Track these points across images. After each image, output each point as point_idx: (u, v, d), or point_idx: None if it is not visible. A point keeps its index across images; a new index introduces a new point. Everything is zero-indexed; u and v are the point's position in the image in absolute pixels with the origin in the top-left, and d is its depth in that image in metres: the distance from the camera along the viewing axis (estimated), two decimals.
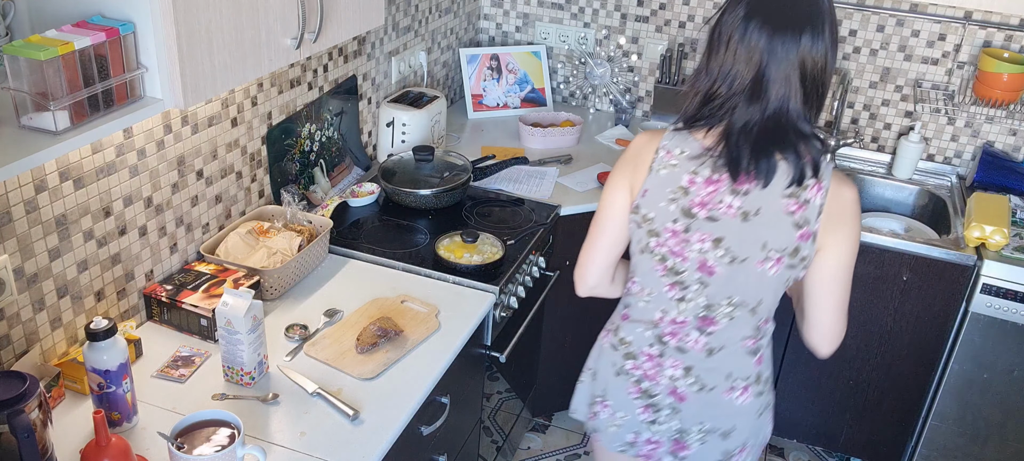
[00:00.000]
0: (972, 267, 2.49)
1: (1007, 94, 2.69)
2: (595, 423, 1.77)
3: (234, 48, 1.53)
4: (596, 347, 1.79)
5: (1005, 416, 2.62)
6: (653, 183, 1.52)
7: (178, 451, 1.36)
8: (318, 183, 2.41)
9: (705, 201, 1.50)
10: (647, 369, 1.66)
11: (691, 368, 1.63)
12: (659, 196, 1.52)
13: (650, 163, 1.53)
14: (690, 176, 1.50)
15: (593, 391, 1.77)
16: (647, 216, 1.54)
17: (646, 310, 1.64)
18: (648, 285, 1.61)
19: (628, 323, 1.67)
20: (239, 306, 1.62)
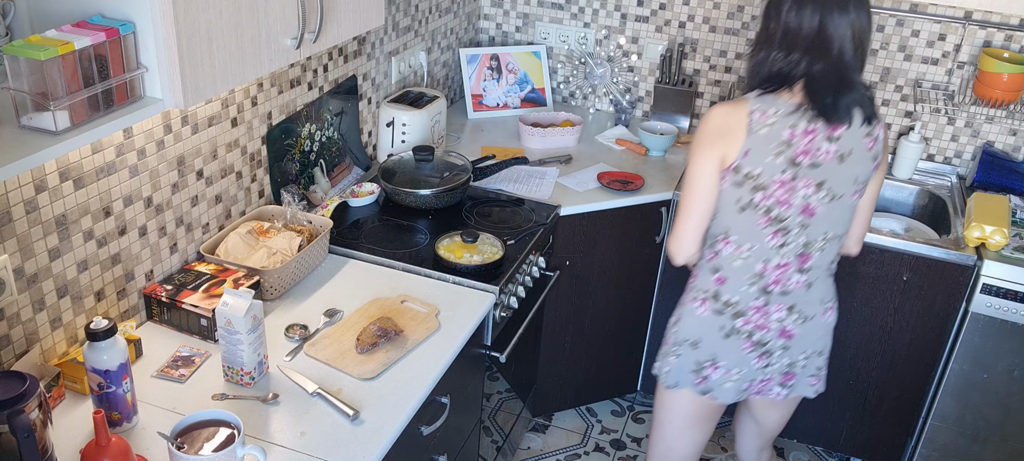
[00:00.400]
0: (972, 267, 2.49)
1: (1007, 94, 2.69)
2: (706, 385, 1.94)
3: (234, 48, 1.53)
4: (688, 319, 1.90)
5: (1005, 416, 2.62)
6: (754, 142, 1.70)
7: (178, 451, 1.36)
8: (318, 183, 2.41)
9: (807, 150, 1.70)
10: (757, 321, 1.84)
11: (794, 306, 1.84)
12: (764, 152, 1.70)
13: (746, 126, 1.70)
14: (789, 130, 1.69)
15: (697, 359, 1.90)
16: (751, 173, 1.71)
17: (746, 266, 1.80)
18: (748, 240, 1.78)
19: (727, 285, 1.83)
20: (239, 306, 1.62)
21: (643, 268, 2.82)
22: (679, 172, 2.84)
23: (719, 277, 1.84)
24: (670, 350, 1.96)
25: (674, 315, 1.97)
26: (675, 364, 1.95)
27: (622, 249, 2.73)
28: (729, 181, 1.74)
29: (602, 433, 3.07)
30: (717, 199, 1.77)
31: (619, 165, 2.84)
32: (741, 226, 1.77)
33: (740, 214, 1.76)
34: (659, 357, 2.01)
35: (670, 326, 1.97)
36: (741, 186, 1.73)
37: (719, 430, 3.14)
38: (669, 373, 1.97)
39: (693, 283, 1.91)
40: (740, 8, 3.03)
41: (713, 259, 1.84)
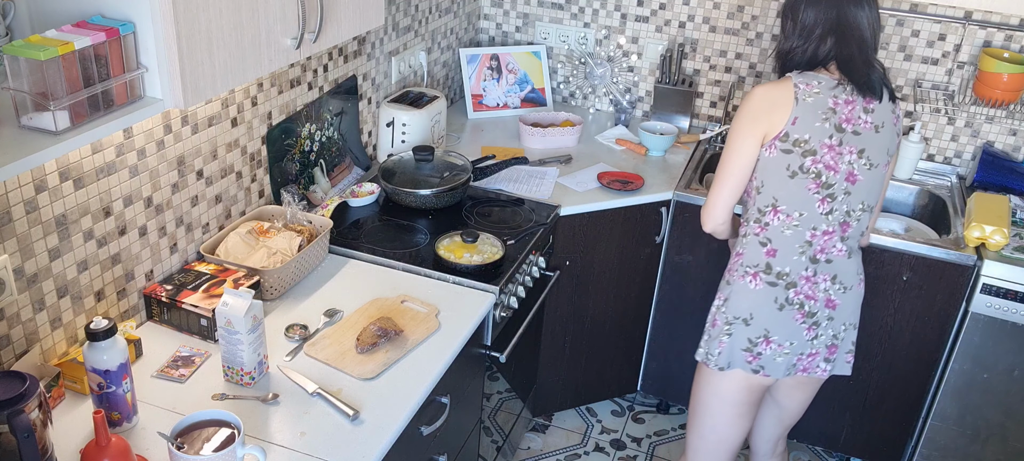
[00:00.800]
0: (972, 267, 2.49)
1: (1007, 94, 2.69)
2: (759, 362, 1.97)
3: (234, 48, 1.53)
4: (739, 294, 1.94)
5: (1005, 416, 2.62)
6: (802, 110, 1.82)
7: (178, 451, 1.36)
8: (318, 183, 2.41)
9: (849, 118, 1.84)
10: (806, 291, 1.91)
11: (836, 276, 1.92)
12: (812, 118, 1.82)
13: (792, 97, 1.83)
14: (833, 99, 1.83)
15: (750, 335, 1.94)
16: (800, 139, 1.83)
17: (795, 235, 1.88)
18: (797, 208, 1.86)
19: (779, 256, 1.90)
20: (239, 306, 1.62)
21: (643, 268, 2.82)
22: (679, 172, 2.84)
23: (769, 249, 1.89)
24: (721, 331, 1.97)
25: (720, 296, 2.00)
26: (727, 344, 1.97)
27: (622, 249, 2.73)
28: (777, 150, 1.83)
29: (602, 433, 3.07)
30: (750, 175, 1.89)
31: (619, 165, 2.84)
32: (791, 193, 1.85)
33: (791, 181, 1.84)
34: (705, 342, 2.03)
35: (717, 308, 2.00)
36: (790, 153, 1.83)
37: None
38: (721, 355, 1.98)
39: (738, 260, 1.95)
40: (740, 8, 3.03)
41: (762, 231, 1.90)
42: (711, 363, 2.01)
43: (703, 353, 2.04)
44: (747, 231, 1.94)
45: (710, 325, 2.02)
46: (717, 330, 1.99)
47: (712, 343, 2.01)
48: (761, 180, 1.88)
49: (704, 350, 2.04)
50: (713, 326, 2.01)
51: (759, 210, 1.90)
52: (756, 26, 3.04)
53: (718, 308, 2.00)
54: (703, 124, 3.25)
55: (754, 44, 3.06)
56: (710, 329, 2.02)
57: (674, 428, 3.13)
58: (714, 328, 2.01)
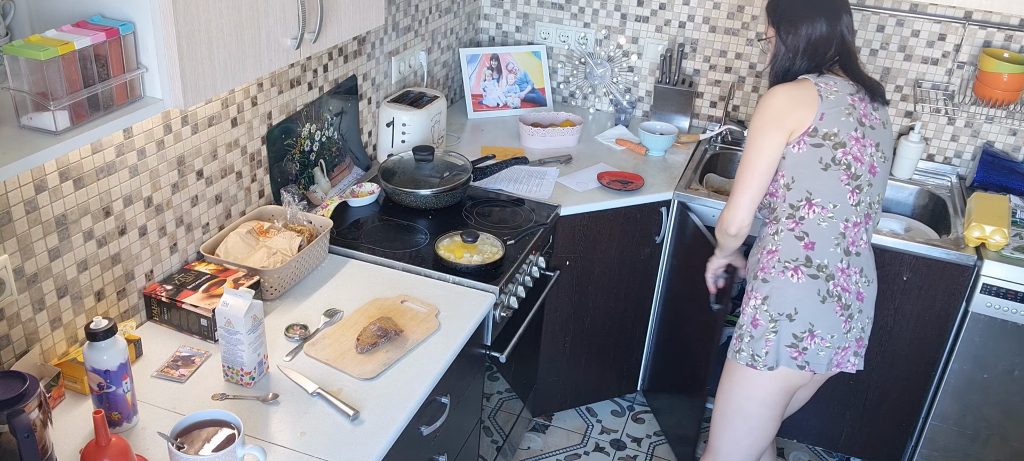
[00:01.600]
0: (972, 267, 2.49)
1: (1007, 94, 2.69)
2: (804, 358, 1.96)
3: (234, 48, 1.53)
4: (782, 290, 1.93)
5: (1005, 416, 2.62)
6: (827, 106, 1.88)
7: (178, 451, 1.36)
8: (318, 183, 2.41)
9: (865, 114, 1.91)
10: (843, 283, 1.93)
11: (863, 268, 1.97)
12: (838, 113, 1.88)
13: (817, 94, 1.88)
14: (851, 97, 1.90)
15: (794, 331, 1.93)
16: (829, 133, 1.87)
17: (831, 227, 1.91)
18: (832, 200, 1.89)
19: (816, 249, 1.91)
20: (239, 306, 1.62)
21: (643, 268, 2.82)
22: (679, 172, 2.84)
23: (807, 243, 1.90)
24: (765, 329, 1.95)
25: (756, 295, 1.97)
26: (774, 342, 1.94)
27: (622, 249, 2.73)
28: (807, 145, 1.88)
29: (602, 433, 3.07)
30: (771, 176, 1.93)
31: (619, 165, 2.84)
32: (825, 186, 1.87)
33: (824, 173, 1.87)
34: (747, 345, 1.99)
35: (755, 308, 1.97)
36: (821, 146, 1.87)
37: None
38: (768, 354, 1.95)
39: (773, 257, 1.94)
40: (740, 8, 3.03)
41: (796, 226, 1.91)
42: (759, 364, 1.97)
43: (747, 356, 1.99)
44: (779, 228, 1.94)
45: (750, 326, 1.98)
46: (760, 330, 1.96)
47: (756, 344, 1.97)
48: (792, 176, 1.91)
49: (747, 353, 1.99)
50: (755, 326, 1.97)
51: (792, 205, 1.91)
52: (756, 26, 3.04)
53: (757, 307, 1.96)
54: (703, 124, 3.25)
55: (754, 44, 3.06)
56: (751, 330, 1.98)
57: None
58: (756, 328, 1.97)
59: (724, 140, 3.13)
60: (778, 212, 1.95)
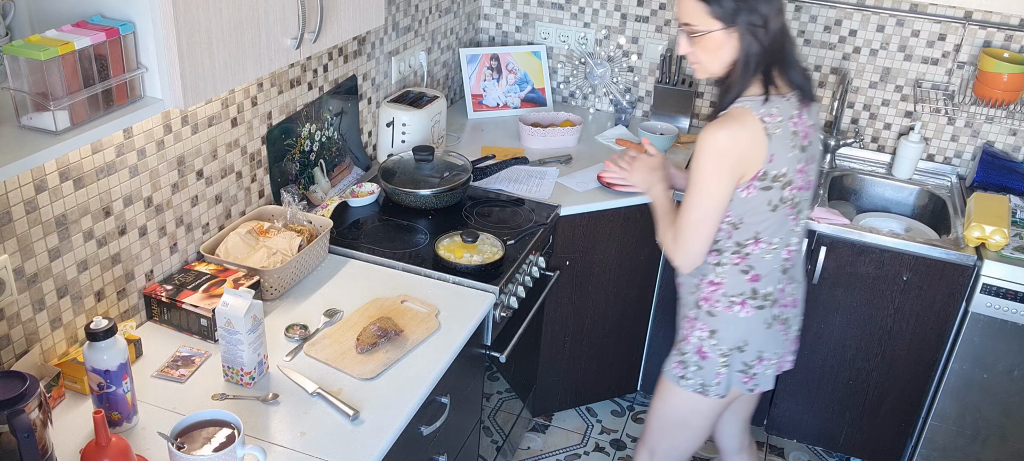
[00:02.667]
0: (972, 267, 2.49)
1: (1007, 94, 2.69)
2: (754, 382, 1.95)
3: (234, 48, 1.53)
4: (729, 325, 1.88)
5: (1005, 416, 2.62)
6: (775, 146, 1.71)
7: (178, 451, 1.36)
8: (318, 183, 2.41)
9: (805, 133, 1.77)
10: (783, 302, 1.90)
11: (794, 275, 1.91)
12: (785, 149, 1.73)
13: (764, 133, 1.70)
14: (792, 121, 1.73)
15: (745, 360, 1.91)
16: (779, 174, 1.74)
17: (775, 258, 1.84)
18: (777, 234, 1.81)
19: (762, 281, 1.85)
20: (239, 306, 1.62)
21: (643, 268, 2.82)
22: None
23: (752, 275, 1.84)
24: (717, 363, 1.90)
25: (701, 327, 1.90)
26: (725, 374, 1.91)
27: (622, 249, 2.73)
28: (756, 189, 1.74)
29: (602, 433, 3.07)
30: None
31: None
32: (773, 224, 1.80)
33: (772, 213, 1.78)
34: (694, 373, 1.93)
35: (701, 340, 1.90)
36: (770, 189, 1.75)
37: None
38: (719, 385, 1.92)
39: (717, 291, 1.86)
40: None
41: (741, 261, 1.83)
42: (711, 394, 1.94)
43: (695, 384, 1.94)
44: (722, 260, 1.84)
45: (696, 355, 1.92)
46: (710, 362, 1.91)
47: (705, 375, 1.92)
48: (739, 217, 1.78)
49: (696, 381, 1.94)
50: (702, 358, 1.92)
51: (738, 243, 1.82)
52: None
53: (703, 340, 1.90)
54: (703, 124, 3.25)
55: None
56: (699, 360, 1.92)
57: None
58: (705, 360, 1.91)
59: None
60: (722, 246, 1.84)
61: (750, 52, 1.69)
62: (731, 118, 1.70)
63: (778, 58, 1.72)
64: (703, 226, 1.77)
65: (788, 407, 2.93)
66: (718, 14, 1.66)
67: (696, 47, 1.73)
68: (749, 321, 1.87)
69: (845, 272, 2.63)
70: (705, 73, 1.76)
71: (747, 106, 1.70)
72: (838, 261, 2.62)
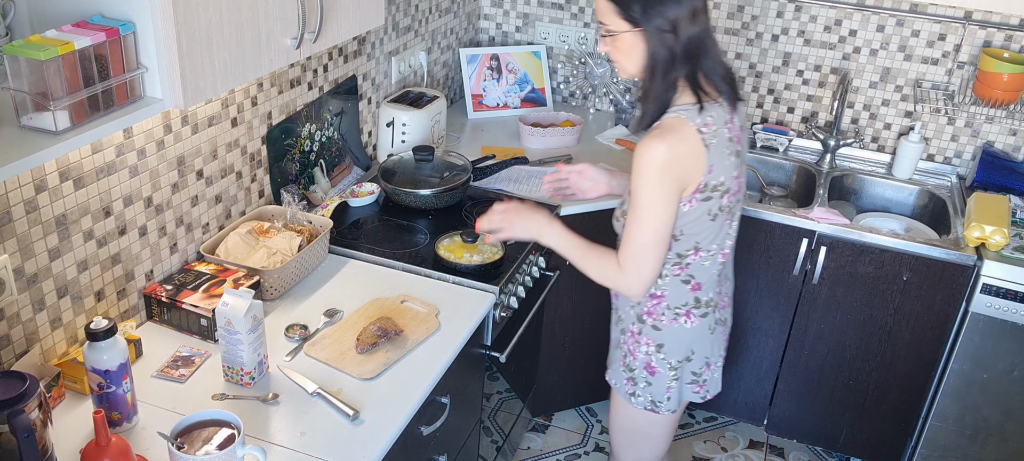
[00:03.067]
0: (972, 267, 2.49)
1: (1007, 94, 2.69)
2: (705, 389, 1.94)
3: (234, 48, 1.53)
4: (675, 338, 1.85)
5: (1005, 416, 2.62)
6: (714, 157, 1.68)
7: (178, 451, 1.36)
8: (318, 183, 2.41)
9: (738, 138, 1.75)
10: (721, 303, 1.90)
11: (728, 274, 1.91)
12: (722, 157, 1.69)
13: (701, 144, 1.65)
14: (726, 127, 1.70)
15: (693, 370, 1.90)
16: (717, 185, 1.70)
17: (713, 264, 1.81)
18: (716, 241, 1.78)
19: (703, 288, 1.82)
20: (239, 306, 1.62)
21: None
22: None
23: (694, 284, 1.80)
24: (667, 377, 1.88)
25: (646, 342, 1.86)
26: (676, 388, 1.89)
27: None
28: (697, 200, 1.69)
29: (602, 433, 3.07)
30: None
31: (619, 165, 2.84)
32: (712, 234, 1.75)
33: (712, 223, 1.74)
34: (643, 390, 1.91)
35: (650, 355, 1.87)
36: (710, 199, 1.70)
37: (718, 430, 3.14)
38: (671, 400, 1.90)
39: (660, 304, 1.82)
40: (740, 8, 3.03)
41: (682, 271, 1.79)
42: (662, 410, 1.91)
43: (646, 401, 1.92)
44: (663, 273, 1.80)
45: (644, 371, 1.89)
46: (660, 377, 1.88)
47: (656, 391, 1.90)
48: (680, 229, 1.74)
49: (646, 398, 1.92)
50: (651, 373, 1.88)
51: (678, 255, 1.78)
52: (756, 26, 3.04)
53: (651, 355, 1.86)
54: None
55: (754, 44, 3.06)
56: (647, 376, 1.89)
57: None
58: (655, 376, 1.88)
59: None
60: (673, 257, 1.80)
61: (657, 57, 1.65)
62: (668, 129, 1.65)
63: (696, 63, 1.66)
64: (656, 247, 1.70)
65: (788, 407, 2.93)
66: (625, 16, 1.64)
67: (611, 47, 1.71)
68: (695, 331, 1.84)
69: (845, 272, 2.63)
70: (624, 73, 1.74)
71: (683, 116, 1.66)
72: (838, 261, 2.62)
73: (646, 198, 1.66)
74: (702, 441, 3.07)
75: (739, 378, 2.96)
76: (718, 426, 3.16)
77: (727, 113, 1.71)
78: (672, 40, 1.63)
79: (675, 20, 1.61)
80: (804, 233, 2.63)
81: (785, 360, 2.85)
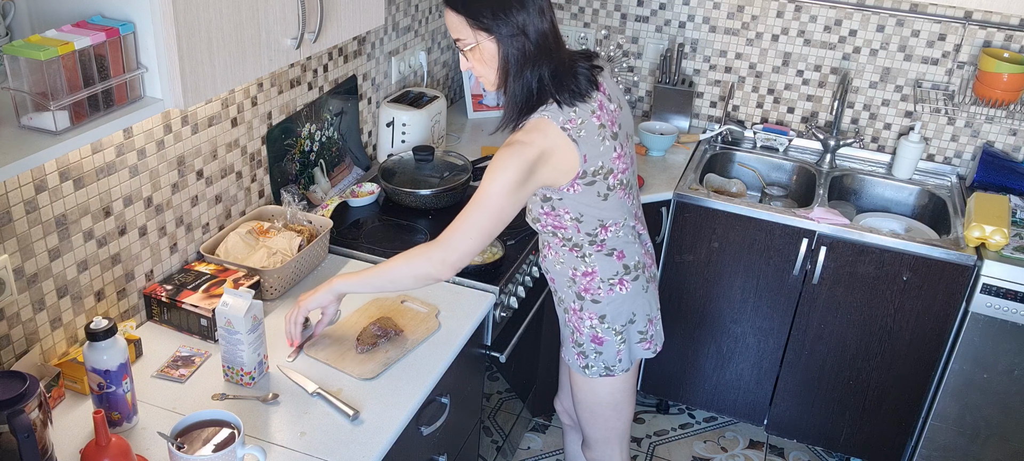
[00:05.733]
0: (972, 267, 2.49)
1: (1007, 94, 2.69)
2: (653, 345, 2.00)
3: (234, 48, 1.53)
4: (615, 304, 1.90)
5: (1005, 416, 2.62)
6: (586, 147, 1.71)
7: (178, 451, 1.36)
8: (318, 183, 2.41)
9: (611, 118, 1.79)
10: (646, 262, 1.96)
11: (644, 235, 1.97)
12: (594, 144, 1.73)
13: (569, 141, 1.69)
14: (595, 115, 1.74)
15: (639, 329, 1.95)
16: (598, 168, 1.75)
17: (627, 232, 1.88)
18: (620, 214, 1.84)
19: (627, 255, 1.88)
20: (239, 306, 1.62)
21: None
22: (679, 172, 2.84)
23: (618, 254, 1.87)
24: (615, 342, 1.93)
25: (590, 314, 1.90)
26: (625, 349, 1.95)
27: None
28: (581, 186, 1.74)
29: None
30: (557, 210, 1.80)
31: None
32: (611, 208, 1.81)
33: (606, 201, 1.80)
34: (595, 359, 1.95)
35: (594, 326, 1.91)
36: (594, 183, 1.76)
37: (718, 430, 3.14)
38: (622, 360, 1.96)
39: (593, 279, 1.87)
40: (740, 8, 3.03)
41: (602, 247, 1.85)
42: (617, 371, 1.96)
43: (600, 369, 1.96)
44: (585, 252, 1.85)
45: (592, 343, 1.93)
46: (608, 345, 1.93)
47: (606, 358, 1.94)
48: (578, 211, 1.79)
49: (599, 367, 1.95)
50: (599, 343, 1.93)
51: (589, 234, 1.83)
52: (756, 26, 3.04)
53: (596, 327, 1.91)
54: (703, 124, 3.25)
55: (754, 44, 3.06)
56: (596, 347, 1.93)
57: (674, 428, 3.13)
58: (603, 345, 1.93)
59: (724, 140, 3.13)
60: (577, 241, 1.85)
61: (510, 59, 1.67)
62: (531, 130, 1.68)
63: (549, 60, 1.69)
64: (478, 234, 1.71)
65: (788, 407, 2.93)
66: (478, 25, 1.65)
67: (471, 60, 1.72)
68: (631, 295, 1.91)
69: (845, 272, 2.63)
70: (490, 85, 1.75)
71: (546, 117, 1.69)
72: (838, 261, 2.62)
73: (492, 196, 1.67)
74: (702, 441, 3.07)
75: (739, 378, 2.96)
76: (718, 426, 3.16)
77: (594, 101, 1.75)
78: (523, 42, 1.65)
79: (522, 23, 1.64)
80: (804, 233, 2.63)
81: (785, 360, 2.85)
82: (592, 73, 1.78)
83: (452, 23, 1.69)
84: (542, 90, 1.71)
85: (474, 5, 1.64)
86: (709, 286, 2.82)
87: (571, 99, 1.72)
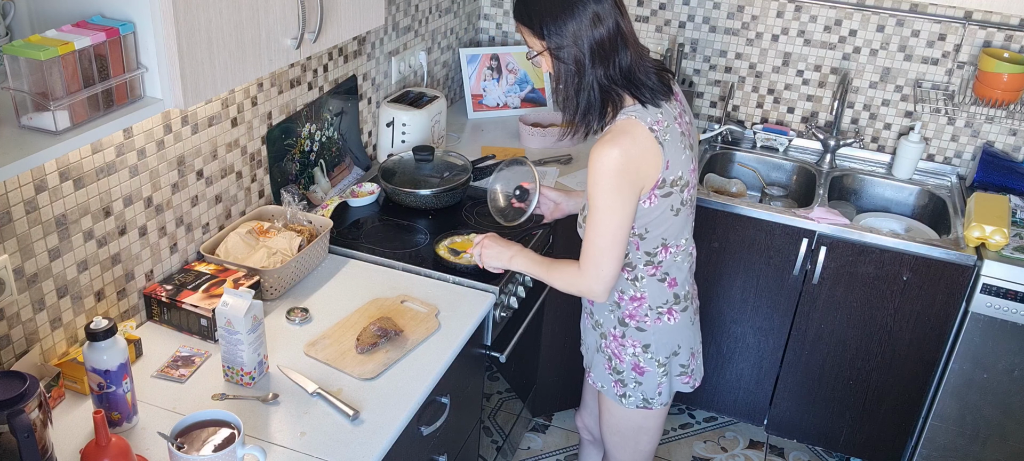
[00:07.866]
0: (972, 267, 2.49)
1: (1007, 94, 2.69)
2: (694, 379, 1.97)
3: (234, 48, 1.53)
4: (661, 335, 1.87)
5: (1005, 416, 2.62)
6: (669, 152, 1.69)
7: (178, 451, 1.36)
8: (318, 183, 2.41)
9: (688, 130, 1.78)
10: (693, 293, 1.92)
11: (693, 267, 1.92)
12: (677, 152, 1.71)
13: (655, 142, 1.67)
14: (677, 121, 1.73)
15: (681, 362, 1.92)
16: (676, 179, 1.72)
17: (684, 257, 1.84)
18: (682, 234, 1.81)
19: (678, 284, 1.85)
20: (239, 306, 1.62)
21: None
22: None
23: (670, 281, 1.83)
24: (656, 374, 1.90)
25: (634, 342, 1.88)
26: (666, 382, 1.91)
27: None
28: (657, 198, 1.71)
29: None
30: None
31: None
32: (676, 227, 1.78)
33: (676, 218, 1.76)
34: (635, 390, 1.92)
35: (637, 356, 1.88)
36: (670, 195, 1.73)
37: (718, 430, 3.14)
38: (661, 394, 1.93)
39: (641, 305, 1.84)
40: (740, 8, 3.03)
41: (656, 270, 1.81)
42: (656, 405, 1.94)
43: (638, 400, 1.93)
44: (638, 274, 1.82)
45: (635, 373, 1.90)
46: (649, 376, 1.90)
47: (647, 389, 1.91)
48: (645, 227, 1.76)
49: (638, 397, 1.93)
50: (640, 373, 1.89)
51: (648, 253, 1.79)
52: (756, 26, 3.04)
53: (638, 356, 1.88)
54: (703, 124, 3.25)
55: (754, 44, 3.06)
56: (639, 377, 1.90)
57: (674, 428, 3.13)
58: (644, 375, 1.90)
59: (724, 140, 3.13)
60: (633, 260, 1.82)
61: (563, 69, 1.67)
62: (620, 132, 1.65)
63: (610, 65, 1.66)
64: (613, 248, 1.71)
65: (788, 407, 2.93)
66: (537, 34, 1.67)
67: (546, 68, 1.72)
68: (678, 327, 1.87)
69: (845, 272, 2.63)
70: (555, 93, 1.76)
71: (634, 117, 1.67)
72: (838, 261, 2.62)
73: (602, 202, 1.68)
74: (702, 441, 3.08)
75: (739, 378, 2.96)
76: (718, 426, 3.16)
77: (676, 109, 1.74)
78: (574, 51, 1.64)
79: (575, 32, 1.63)
80: (804, 233, 2.63)
81: (785, 360, 2.85)
82: (664, 78, 1.74)
83: (522, 32, 1.72)
84: (607, 93, 1.68)
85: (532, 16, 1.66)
86: (709, 286, 2.82)
87: (654, 98, 1.69)
